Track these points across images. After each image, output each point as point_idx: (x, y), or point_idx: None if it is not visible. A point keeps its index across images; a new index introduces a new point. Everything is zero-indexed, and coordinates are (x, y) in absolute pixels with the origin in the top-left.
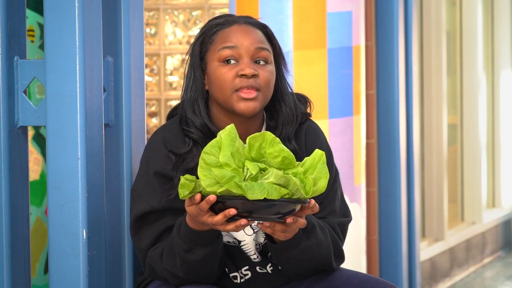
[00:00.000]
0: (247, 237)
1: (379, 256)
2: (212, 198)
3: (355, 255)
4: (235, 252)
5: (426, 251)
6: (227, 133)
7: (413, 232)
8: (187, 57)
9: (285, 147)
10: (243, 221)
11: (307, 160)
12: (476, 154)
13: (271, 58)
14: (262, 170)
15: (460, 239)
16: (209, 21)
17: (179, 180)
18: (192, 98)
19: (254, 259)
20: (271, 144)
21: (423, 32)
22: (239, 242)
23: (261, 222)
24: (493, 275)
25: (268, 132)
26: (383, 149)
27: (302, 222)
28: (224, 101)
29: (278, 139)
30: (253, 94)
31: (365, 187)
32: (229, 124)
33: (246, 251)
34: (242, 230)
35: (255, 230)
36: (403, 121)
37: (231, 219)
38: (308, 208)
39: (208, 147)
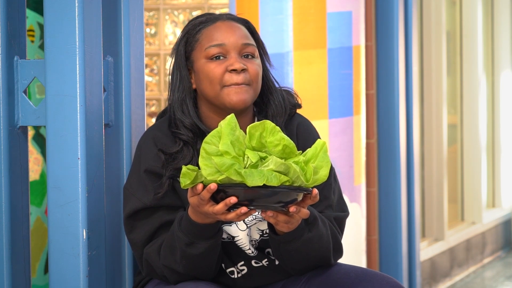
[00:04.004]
0: (240, 233)
1: (379, 256)
2: (213, 186)
3: (355, 255)
4: (231, 247)
5: (426, 251)
6: (227, 122)
7: (413, 232)
8: (171, 59)
9: (286, 136)
10: (243, 209)
11: (309, 150)
12: (476, 154)
13: (257, 53)
14: (263, 158)
15: (460, 239)
16: (191, 20)
17: (168, 178)
18: (180, 99)
19: (250, 254)
20: (271, 133)
21: (423, 32)
22: (233, 237)
23: (264, 211)
24: (493, 275)
25: (268, 121)
26: (383, 149)
27: (305, 212)
28: (214, 96)
29: (278, 128)
30: (243, 89)
31: (365, 187)
32: (219, 122)
33: (241, 246)
34: (235, 226)
35: (248, 226)
36: (403, 121)
37: (233, 208)
38: (310, 197)
39: (209, 137)
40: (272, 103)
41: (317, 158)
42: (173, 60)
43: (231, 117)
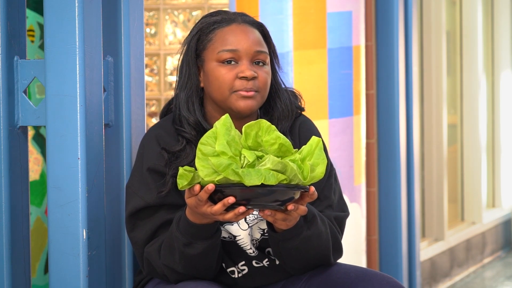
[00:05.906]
0: (242, 232)
1: (379, 256)
2: (210, 187)
3: (355, 255)
4: (232, 247)
5: (426, 251)
6: (222, 122)
7: (413, 232)
8: (181, 54)
9: (281, 134)
10: (241, 208)
11: (305, 148)
12: (476, 154)
13: (268, 59)
14: (259, 157)
15: (460, 239)
16: (204, 17)
17: (171, 177)
18: (187, 96)
19: (251, 253)
20: (267, 132)
21: (423, 32)
22: (235, 237)
23: (262, 209)
24: (493, 275)
25: (264, 120)
26: (383, 149)
27: (303, 209)
28: (222, 100)
29: (273, 127)
30: (251, 93)
31: (365, 187)
32: None
33: (242, 246)
34: (237, 225)
35: (250, 225)
36: (403, 121)
37: (231, 208)
38: (308, 195)
39: (205, 138)
40: (279, 106)
41: (313, 155)
42: (183, 55)
43: (225, 117)
